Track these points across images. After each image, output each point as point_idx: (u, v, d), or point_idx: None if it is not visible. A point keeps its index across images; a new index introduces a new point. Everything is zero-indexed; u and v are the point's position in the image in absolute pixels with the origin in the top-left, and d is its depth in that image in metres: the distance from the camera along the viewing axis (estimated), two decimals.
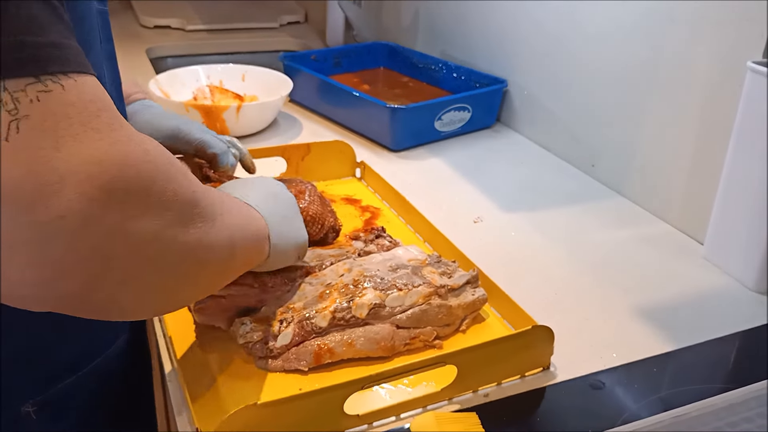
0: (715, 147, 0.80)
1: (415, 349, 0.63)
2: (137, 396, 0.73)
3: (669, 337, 0.68)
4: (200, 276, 0.46)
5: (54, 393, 0.59)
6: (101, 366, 0.63)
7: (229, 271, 0.52)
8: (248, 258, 0.55)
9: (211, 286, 0.51)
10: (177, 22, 1.65)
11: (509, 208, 0.92)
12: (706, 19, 0.79)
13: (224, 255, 0.48)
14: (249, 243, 0.53)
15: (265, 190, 0.60)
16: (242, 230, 0.51)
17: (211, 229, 0.44)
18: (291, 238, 0.61)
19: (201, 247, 0.44)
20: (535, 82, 1.11)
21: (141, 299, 0.42)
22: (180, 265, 0.42)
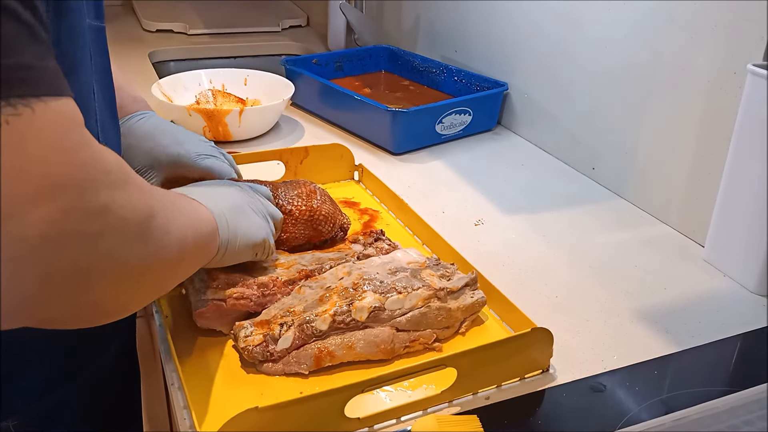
0: (716, 149, 0.80)
1: (414, 352, 0.63)
2: (123, 409, 0.73)
3: (670, 339, 0.68)
4: (153, 282, 0.48)
5: (35, 409, 0.58)
6: (86, 381, 0.62)
7: (180, 271, 0.53)
8: (198, 256, 0.55)
9: (162, 289, 0.52)
10: (179, 26, 1.65)
11: (510, 210, 0.92)
12: (706, 22, 0.79)
13: (176, 258, 0.49)
14: (199, 240, 0.54)
15: (217, 190, 0.61)
16: (192, 229, 0.52)
17: (166, 236, 0.46)
18: (245, 235, 0.61)
19: (157, 256, 0.45)
20: (536, 85, 1.11)
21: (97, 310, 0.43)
22: (138, 276, 0.44)
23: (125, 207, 0.41)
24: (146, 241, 0.44)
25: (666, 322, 0.70)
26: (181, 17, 1.69)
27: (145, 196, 0.44)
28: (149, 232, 0.44)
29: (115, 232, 0.40)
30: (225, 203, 0.60)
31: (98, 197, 0.39)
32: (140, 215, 0.43)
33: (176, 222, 0.49)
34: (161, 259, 0.46)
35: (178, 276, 0.54)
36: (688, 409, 0.55)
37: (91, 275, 0.40)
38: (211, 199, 0.58)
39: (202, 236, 0.55)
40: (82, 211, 0.38)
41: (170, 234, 0.47)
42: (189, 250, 0.52)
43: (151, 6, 1.76)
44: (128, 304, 0.47)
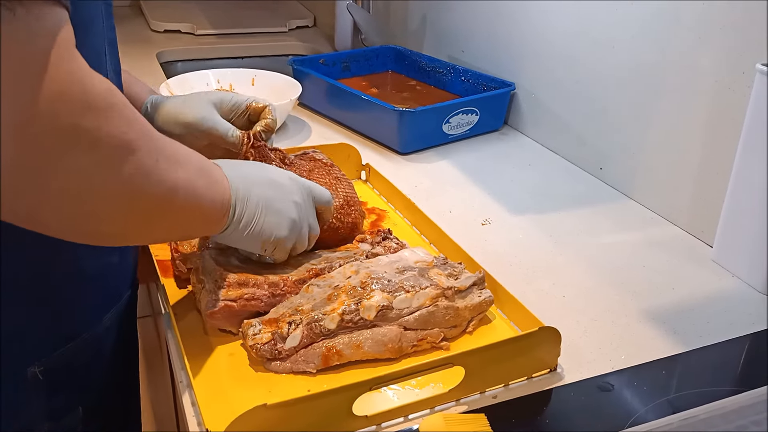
0: (724, 149, 0.80)
1: (422, 351, 0.64)
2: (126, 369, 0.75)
3: (678, 339, 0.67)
4: (128, 218, 0.49)
5: (59, 356, 0.60)
6: (96, 334, 0.64)
7: (167, 220, 0.54)
8: (195, 215, 0.56)
9: (145, 233, 0.54)
10: (187, 27, 1.66)
11: (517, 210, 0.92)
12: (713, 22, 0.79)
13: (159, 202, 0.50)
14: (198, 200, 0.55)
15: (257, 173, 0.62)
16: (191, 186, 0.53)
17: (145, 176, 0.47)
18: (261, 225, 0.61)
19: (132, 192, 0.47)
20: (543, 85, 1.11)
21: (70, 225, 0.47)
22: (108, 205, 0.46)
23: (98, 131, 0.43)
24: (117, 173, 0.45)
25: (674, 322, 0.70)
26: (188, 18, 1.70)
27: (127, 129, 0.45)
28: (122, 164, 0.45)
29: (83, 152, 0.42)
30: (258, 189, 0.60)
31: (70, 113, 0.40)
32: (113, 143, 0.44)
33: (165, 168, 0.49)
34: (137, 196, 0.48)
35: (166, 226, 0.55)
36: (695, 409, 0.55)
37: (53, 182, 0.42)
38: (241, 177, 0.59)
39: (203, 198, 0.55)
40: (51, 119, 0.40)
41: (152, 175, 0.48)
42: (179, 202, 0.52)
43: (159, 6, 1.77)
44: (102, 230, 0.49)
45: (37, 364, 0.59)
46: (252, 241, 0.62)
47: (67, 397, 0.63)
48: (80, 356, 0.63)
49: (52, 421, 0.61)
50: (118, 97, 0.45)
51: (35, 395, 0.60)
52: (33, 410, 0.60)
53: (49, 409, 0.61)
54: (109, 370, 0.69)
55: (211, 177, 0.57)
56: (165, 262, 0.74)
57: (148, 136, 0.48)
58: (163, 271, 0.73)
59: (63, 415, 0.63)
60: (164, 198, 0.51)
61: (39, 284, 0.58)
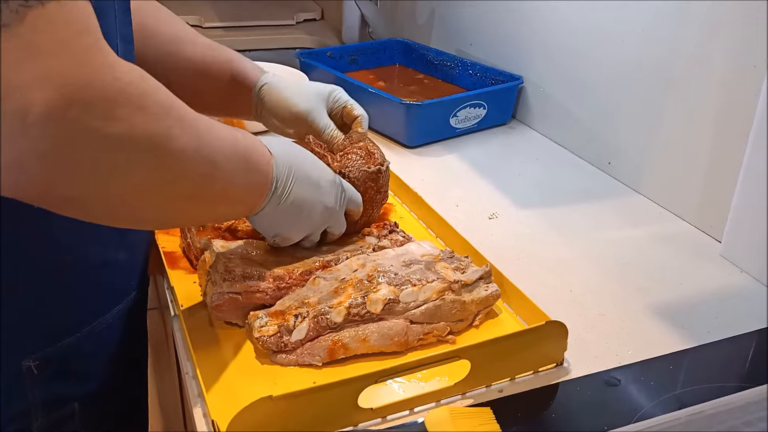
0: (733, 144, 0.79)
1: (428, 345, 0.63)
2: (132, 366, 0.75)
3: (685, 334, 0.67)
4: (166, 194, 0.49)
5: (55, 350, 0.60)
6: (101, 329, 0.64)
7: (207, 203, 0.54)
8: (229, 200, 0.56)
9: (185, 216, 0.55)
10: (194, 20, 1.66)
11: (524, 204, 0.91)
12: (723, 15, 0.79)
13: (198, 186, 0.51)
14: (236, 185, 0.55)
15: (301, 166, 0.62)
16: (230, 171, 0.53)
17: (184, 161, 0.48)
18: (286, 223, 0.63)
19: (170, 175, 0.48)
20: (551, 78, 1.11)
21: (103, 204, 0.46)
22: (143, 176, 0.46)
23: (132, 118, 0.43)
24: (153, 159, 0.45)
25: (682, 318, 0.69)
26: (196, 10, 1.70)
27: (163, 115, 0.45)
28: (159, 150, 0.45)
29: (119, 139, 0.43)
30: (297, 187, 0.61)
31: (103, 100, 0.41)
32: (149, 130, 0.44)
33: (205, 153, 0.50)
34: (174, 182, 0.48)
35: (202, 210, 0.55)
36: (702, 405, 0.55)
37: (89, 170, 0.42)
38: (286, 170, 0.60)
39: (239, 184, 0.56)
40: (84, 106, 0.40)
41: (189, 161, 0.48)
42: (217, 187, 0.53)
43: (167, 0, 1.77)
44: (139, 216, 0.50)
45: (32, 357, 0.59)
46: (267, 231, 0.64)
47: (62, 392, 0.63)
48: (77, 352, 0.63)
49: (45, 414, 0.61)
50: (150, 83, 0.45)
51: (29, 388, 0.60)
52: (26, 403, 0.60)
53: (42, 403, 0.61)
54: (110, 368, 0.68)
55: (251, 162, 0.57)
56: (172, 254, 0.75)
57: (185, 122, 0.48)
58: (170, 263, 0.73)
59: (57, 409, 0.63)
60: (202, 183, 0.51)
61: (39, 278, 0.58)
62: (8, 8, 0.37)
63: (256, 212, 0.60)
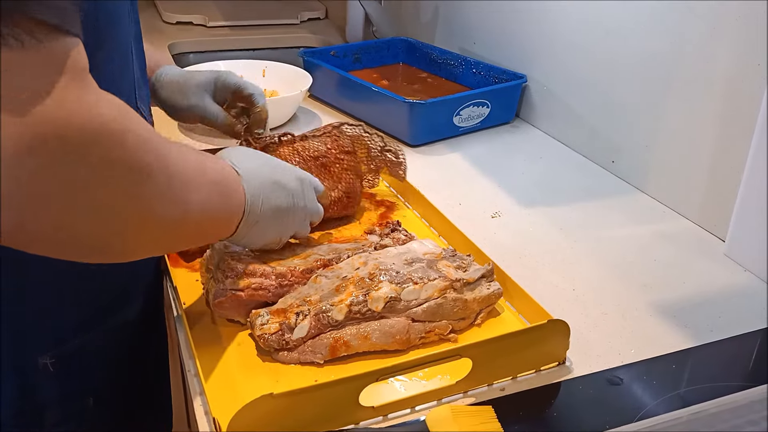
0: (737, 142, 0.79)
1: (430, 343, 0.63)
2: (149, 363, 0.75)
3: (688, 333, 0.67)
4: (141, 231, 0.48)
5: (71, 347, 0.61)
6: (117, 326, 0.65)
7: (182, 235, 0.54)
8: (205, 230, 0.56)
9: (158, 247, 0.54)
10: (199, 19, 1.66)
11: (527, 203, 0.91)
12: (728, 13, 0.78)
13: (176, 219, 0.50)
14: (210, 221, 0.55)
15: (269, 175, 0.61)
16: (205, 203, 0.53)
17: (163, 197, 0.47)
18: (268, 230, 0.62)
19: (145, 212, 0.46)
20: (555, 77, 1.10)
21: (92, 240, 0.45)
22: (120, 216, 0.45)
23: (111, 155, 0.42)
24: (130, 196, 0.45)
25: (685, 317, 0.69)
26: (200, 9, 1.70)
27: (142, 153, 0.44)
28: (136, 187, 0.45)
29: (97, 176, 0.42)
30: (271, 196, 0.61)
31: (81, 140, 0.40)
32: (127, 167, 0.43)
33: (180, 189, 0.49)
34: (150, 218, 0.47)
35: (176, 241, 0.55)
36: (705, 403, 0.55)
37: (61, 208, 0.41)
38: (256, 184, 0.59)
39: (216, 212, 0.55)
40: (60, 145, 0.39)
41: (166, 198, 0.48)
42: (192, 220, 0.52)
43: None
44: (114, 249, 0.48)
45: (49, 354, 0.60)
46: (254, 244, 0.64)
47: (77, 387, 0.63)
48: (94, 348, 0.63)
49: (60, 408, 0.62)
50: (132, 120, 0.44)
51: (45, 384, 0.60)
52: (42, 398, 0.60)
53: (58, 398, 0.61)
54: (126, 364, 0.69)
55: (227, 189, 0.56)
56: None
57: (163, 158, 0.47)
58: (173, 261, 0.73)
59: (72, 404, 0.63)
60: (177, 219, 0.50)
61: (57, 276, 0.58)
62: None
63: (232, 233, 0.59)
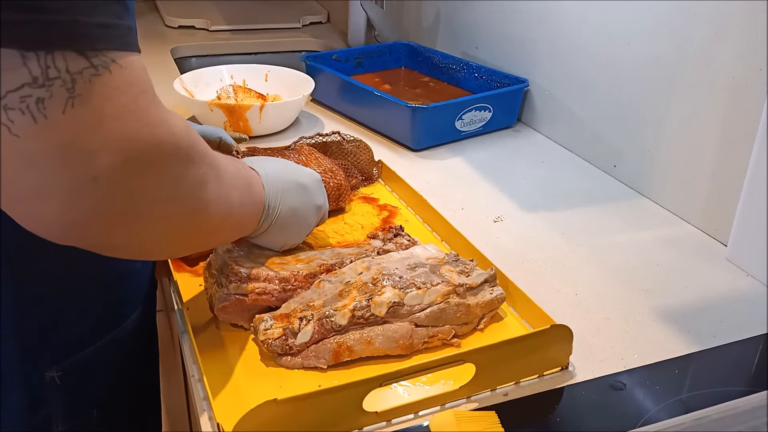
0: (739, 147, 0.79)
1: (433, 348, 0.63)
2: (147, 369, 0.76)
3: (691, 338, 0.67)
4: (194, 233, 0.53)
5: (77, 360, 0.61)
6: (118, 337, 0.66)
7: (221, 234, 0.59)
8: (237, 228, 0.61)
9: (201, 244, 0.59)
10: (201, 23, 1.66)
11: (530, 208, 0.91)
12: (731, 18, 0.78)
13: (216, 224, 0.54)
14: (243, 216, 0.59)
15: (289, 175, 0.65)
16: (242, 205, 0.58)
17: (215, 199, 0.51)
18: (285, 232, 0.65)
19: (201, 213, 0.51)
20: (557, 81, 1.10)
21: (147, 245, 0.50)
22: (180, 223, 0.50)
23: (184, 170, 0.46)
24: (192, 204, 0.49)
25: (687, 322, 0.69)
26: (203, 13, 1.70)
27: (200, 163, 0.48)
28: (198, 195, 0.49)
29: (171, 188, 0.46)
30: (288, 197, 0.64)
31: (162, 159, 0.44)
32: (194, 179, 0.48)
33: (226, 193, 0.53)
34: (203, 220, 0.51)
35: (214, 240, 0.60)
36: (708, 409, 0.55)
37: (141, 222, 0.45)
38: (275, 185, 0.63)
39: (248, 213, 0.60)
40: (146, 164, 0.43)
41: (218, 202, 0.51)
42: (233, 220, 0.57)
43: (174, 2, 1.77)
44: (164, 251, 0.55)
45: (55, 368, 0.60)
46: (274, 244, 0.67)
47: (83, 399, 0.64)
48: (99, 360, 0.64)
49: (66, 421, 0.62)
50: (193, 134, 0.48)
51: (52, 398, 0.61)
52: (49, 411, 0.61)
53: (64, 411, 0.62)
54: (128, 372, 0.69)
55: (253, 189, 0.60)
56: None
57: (214, 167, 0.51)
58: (176, 266, 0.73)
59: (78, 415, 0.63)
60: (222, 220, 0.54)
61: (63, 291, 0.58)
62: (82, 78, 0.39)
63: (253, 231, 0.63)
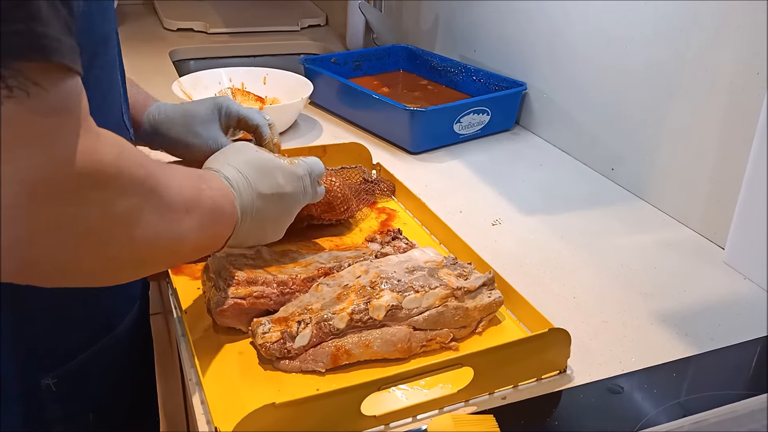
0: (738, 151, 0.79)
1: (431, 351, 0.63)
2: (142, 372, 0.76)
3: (689, 341, 0.67)
4: (141, 261, 0.50)
5: (72, 367, 0.61)
6: (112, 342, 0.65)
7: (176, 259, 0.57)
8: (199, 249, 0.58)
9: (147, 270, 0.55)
10: (200, 25, 1.66)
11: (528, 211, 0.91)
12: (729, 22, 0.79)
13: (168, 250, 0.52)
14: (202, 241, 0.56)
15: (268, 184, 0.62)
16: (199, 230, 0.54)
17: (155, 230, 0.48)
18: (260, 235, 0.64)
19: (141, 244, 0.48)
20: (555, 84, 1.11)
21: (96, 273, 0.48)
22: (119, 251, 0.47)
23: (108, 197, 0.44)
24: (125, 232, 0.46)
25: (685, 325, 0.69)
26: (201, 16, 1.71)
27: (135, 191, 0.45)
28: (132, 224, 0.46)
29: (94, 216, 0.43)
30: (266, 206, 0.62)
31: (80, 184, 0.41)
32: (123, 207, 0.45)
33: (174, 219, 0.50)
34: (145, 249, 0.49)
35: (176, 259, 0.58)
36: (706, 412, 0.55)
37: (71, 246, 0.43)
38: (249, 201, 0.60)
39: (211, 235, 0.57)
40: (61, 188, 0.40)
41: (160, 230, 0.49)
42: (187, 246, 0.54)
43: (172, 5, 1.77)
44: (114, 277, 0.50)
45: (51, 375, 0.60)
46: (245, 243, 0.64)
47: (79, 404, 0.63)
48: (94, 366, 0.63)
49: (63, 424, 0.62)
50: (127, 159, 0.45)
51: (48, 405, 0.60)
52: (45, 418, 0.61)
53: (61, 417, 0.62)
54: (123, 376, 0.69)
55: (221, 213, 0.58)
56: None
57: (156, 194, 0.48)
58: (174, 269, 0.73)
59: (74, 421, 0.63)
60: (171, 247, 0.52)
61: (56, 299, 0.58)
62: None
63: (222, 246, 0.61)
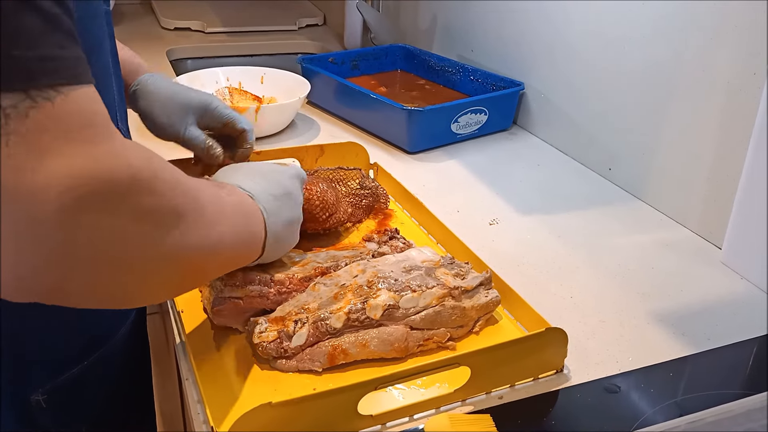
0: (735, 151, 0.79)
1: (428, 351, 0.63)
2: (137, 381, 0.75)
3: (686, 341, 0.67)
4: (173, 276, 0.48)
5: (62, 381, 0.60)
6: (106, 354, 0.64)
7: (212, 272, 0.54)
8: (237, 259, 0.57)
9: (189, 284, 0.53)
10: (197, 25, 1.66)
11: (525, 210, 0.91)
12: (727, 22, 0.79)
13: (207, 259, 0.50)
14: (238, 249, 0.55)
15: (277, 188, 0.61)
16: (235, 235, 0.53)
17: (195, 236, 0.46)
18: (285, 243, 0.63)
19: (179, 253, 0.46)
20: (553, 84, 1.11)
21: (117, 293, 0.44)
22: (151, 264, 0.44)
23: (144, 203, 0.41)
24: (162, 240, 0.43)
25: (682, 325, 0.69)
26: (199, 15, 1.70)
27: (171, 195, 0.44)
28: (169, 230, 0.44)
29: (130, 224, 0.41)
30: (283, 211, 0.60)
31: (115, 194, 0.39)
32: (162, 212, 0.43)
33: (209, 223, 0.48)
34: (182, 257, 0.46)
35: (213, 271, 0.55)
36: (703, 412, 0.55)
37: (102, 263, 0.40)
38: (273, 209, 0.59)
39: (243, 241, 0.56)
40: (96, 203, 0.38)
41: (197, 236, 0.47)
42: (225, 253, 0.52)
43: (170, 4, 1.77)
44: (139, 298, 0.48)
45: (40, 391, 0.59)
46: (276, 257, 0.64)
47: (71, 419, 0.63)
48: (85, 380, 0.63)
49: None
50: (157, 163, 0.43)
51: (38, 420, 0.60)
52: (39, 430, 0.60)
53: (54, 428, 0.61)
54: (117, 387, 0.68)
55: (247, 215, 0.56)
56: None
57: (191, 197, 0.46)
58: None
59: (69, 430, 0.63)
60: (207, 258, 0.50)
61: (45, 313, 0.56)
62: (17, 112, 0.35)
63: (261, 254, 0.59)
